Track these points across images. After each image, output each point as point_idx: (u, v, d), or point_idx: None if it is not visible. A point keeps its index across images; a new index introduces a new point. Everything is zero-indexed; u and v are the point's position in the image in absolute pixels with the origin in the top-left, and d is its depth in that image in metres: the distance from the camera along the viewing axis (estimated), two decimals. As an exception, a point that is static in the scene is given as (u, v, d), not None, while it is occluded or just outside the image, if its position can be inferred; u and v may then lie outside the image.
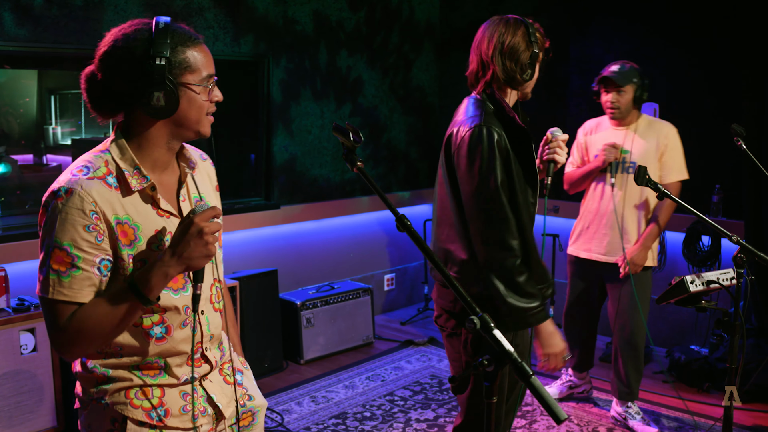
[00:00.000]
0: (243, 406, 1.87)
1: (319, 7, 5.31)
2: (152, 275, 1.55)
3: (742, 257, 2.66)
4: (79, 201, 1.55)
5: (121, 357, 1.68)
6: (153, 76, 1.56)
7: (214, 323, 1.80)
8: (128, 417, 1.66)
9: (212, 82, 1.67)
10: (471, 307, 1.58)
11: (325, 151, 5.48)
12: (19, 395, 3.56)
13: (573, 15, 5.47)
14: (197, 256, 1.56)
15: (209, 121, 1.70)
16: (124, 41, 1.59)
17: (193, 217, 1.56)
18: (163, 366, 1.71)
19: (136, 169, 1.64)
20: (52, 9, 3.95)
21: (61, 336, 1.57)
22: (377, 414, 4.12)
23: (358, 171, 1.72)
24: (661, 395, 4.34)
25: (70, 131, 4.72)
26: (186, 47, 1.61)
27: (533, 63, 2.46)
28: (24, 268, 3.96)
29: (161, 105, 1.58)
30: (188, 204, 1.75)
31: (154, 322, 1.68)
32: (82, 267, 1.56)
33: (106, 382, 1.68)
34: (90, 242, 1.56)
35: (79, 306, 1.57)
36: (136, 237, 1.62)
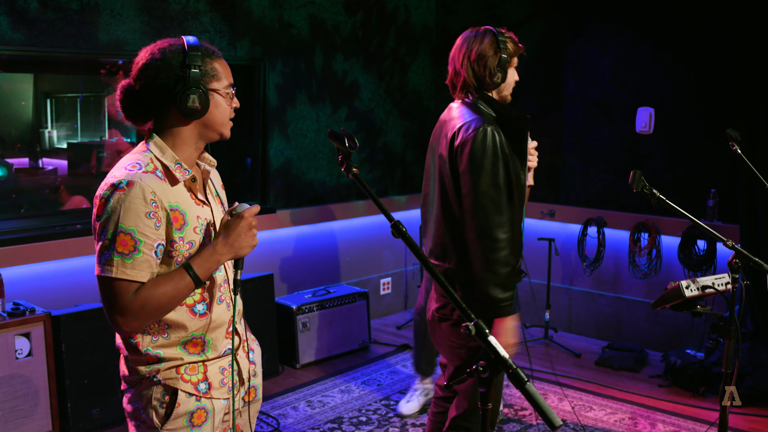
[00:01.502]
0: (249, 381, 2.12)
1: (315, 11, 5.31)
2: (206, 261, 1.85)
3: (737, 262, 2.67)
4: (140, 191, 1.79)
5: (168, 336, 1.91)
6: (190, 82, 1.84)
7: (240, 301, 2.08)
8: (179, 389, 1.91)
9: (232, 90, 1.96)
10: (466, 313, 1.58)
11: (320, 155, 5.48)
12: (14, 400, 3.55)
13: (568, 19, 5.48)
14: (246, 245, 1.89)
15: (230, 125, 1.98)
16: (161, 54, 1.86)
17: (242, 212, 1.88)
18: (206, 342, 1.96)
19: (178, 163, 1.90)
20: (47, 13, 3.95)
21: (125, 312, 1.80)
22: (373, 418, 4.12)
23: (354, 177, 1.82)
24: (657, 399, 4.34)
25: (66, 135, 4.71)
26: (212, 59, 1.91)
27: (502, 67, 2.69)
28: (19, 272, 3.95)
29: (196, 107, 1.85)
30: (211, 198, 2.03)
31: (196, 300, 1.93)
32: (143, 250, 1.80)
33: (158, 362, 1.91)
34: (150, 227, 1.81)
35: (137, 284, 1.80)
36: (185, 222, 1.88)
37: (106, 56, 4.30)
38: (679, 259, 4.88)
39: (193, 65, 1.84)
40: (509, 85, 2.76)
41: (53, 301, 4.07)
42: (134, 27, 4.29)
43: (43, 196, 4.50)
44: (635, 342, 5.20)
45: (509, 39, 2.72)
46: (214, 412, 1.97)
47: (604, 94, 5.32)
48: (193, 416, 1.93)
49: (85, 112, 4.76)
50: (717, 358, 4.51)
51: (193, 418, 1.93)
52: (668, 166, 5.01)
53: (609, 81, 5.28)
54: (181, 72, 1.84)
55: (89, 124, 4.79)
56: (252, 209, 1.91)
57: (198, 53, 1.86)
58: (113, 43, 4.21)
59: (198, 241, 1.90)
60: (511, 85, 2.77)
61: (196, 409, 1.93)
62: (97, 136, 4.83)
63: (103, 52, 4.21)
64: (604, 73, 5.30)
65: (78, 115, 4.75)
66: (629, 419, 4.10)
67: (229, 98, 1.94)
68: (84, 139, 4.78)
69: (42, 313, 3.68)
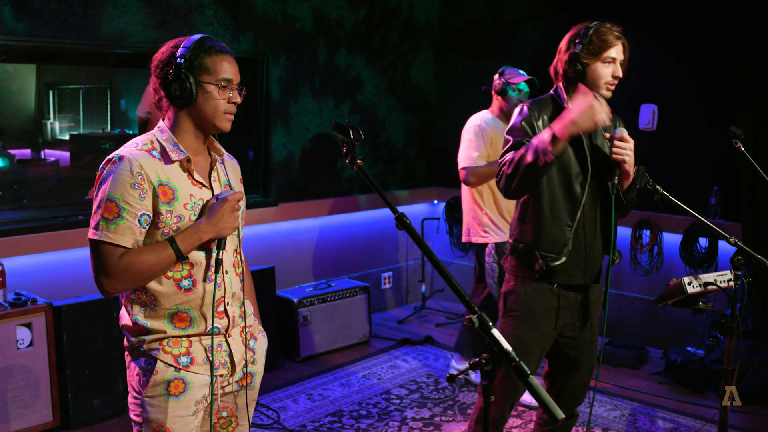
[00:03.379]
0: (245, 368, 2.20)
1: (318, 5, 5.30)
2: (189, 237, 1.99)
3: (739, 259, 2.67)
4: (128, 164, 1.97)
5: (155, 308, 2.05)
6: (174, 72, 1.99)
7: (235, 283, 2.17)
8: (158, 359, 2.04)
9: (230, 86, 2.05)
10: (470, 306, 1.58)
11: (323, 149, 5.48)
12: (15, 390, 3.56)
13: (571, 17, 5.45)
14: (227, 226, 2.03)
15: (226, 119, 2.08)
16: (166, 49, 2.04)
17: (227, 196, 2.03)
18: (192, 317, 2.07)
19: (175, 146, 2.05)
20: (51, 4, 3.94)
21: (108, 273, 1.95)
22: (373, 412, 4.13)
23: (358, 169, 1.82)
24: (657, 396, 4.35)
25: (69, 126, 4.70)
26: (208, 55, 2.02)
27: (573, 61, 2.70)
28: (21, 262, 3.96)
29: (177, 94, 2.00)
30: (218, 184, 2.15)
31: (183, 275, 2.05)
32: (126, 217, 1.95)
33: (146, 333, 2.05)
34: (134, 197, 1.95)
35: (122, 249, 1.96)
36: (174, 197, 2.02)
37: (109, 48, 4.30)
38: (681, 257, 4.88)
39: (181, 57, 1.99)
40: (597, 79, 2.70)
41: (55, 291, 4.07)
42: (138, 19, 4.28)
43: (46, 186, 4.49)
44: (636, 339, 5.20)
45: (596, 34, 2.71)
46: (193, 385, 2.06)
47: (607, 90, 5.31)
48: (170, 386, 2.04)
49: (87, 104, 4.75)
50: (717, 356, 4.51)
51: (170, 388, 2.04)
52: (670, 164, 5.00)
53: (612, 78, 5.27)
54: (171, 63, 2.00)
55: (92, 116, 4.78)
56: (236, 194, 2.05)
57: (190, 48, 2.00)
58: (117, 35, 4.20)
59: (187, 217, 2.03)
60: (599, 79, 2.70)
61: (174, 378, 2.04)
62: (99, 128, 4.83)
63: (107, 44, 4.20)
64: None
65: (80, 107, 4.74)
66: (629, 416, 4.10)
67: (221, 92, 2.04)
68: (86, 131, 4.78)
69: (43, 303, 3.69)
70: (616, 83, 2.73)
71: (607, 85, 2.71)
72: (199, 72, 2.01)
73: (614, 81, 2.72)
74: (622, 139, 2.65)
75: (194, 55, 2.00)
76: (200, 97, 2.02)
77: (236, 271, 2.19)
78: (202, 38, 2.04)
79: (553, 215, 2.72)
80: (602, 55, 2.68)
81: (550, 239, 2.72)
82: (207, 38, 2.05)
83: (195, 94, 2.01)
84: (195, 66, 2.00)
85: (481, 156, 4.17)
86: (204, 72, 2.01)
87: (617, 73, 2.71)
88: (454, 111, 6.29)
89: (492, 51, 5.93)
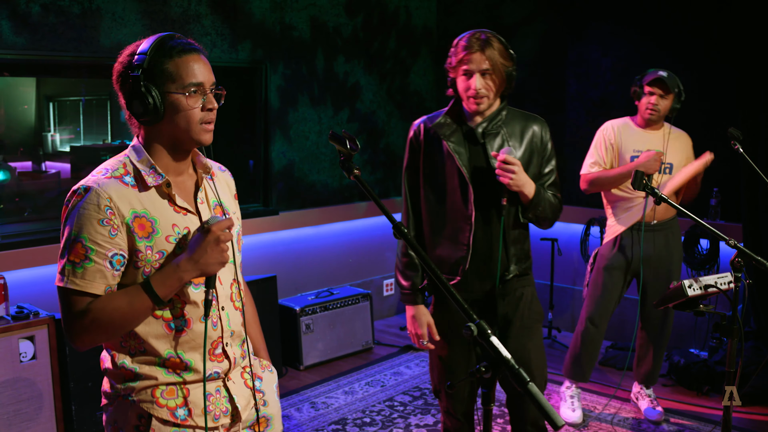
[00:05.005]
0: (258, 411, 1.94)
1: (316, 13, 5.32)
2: (167, 278, 1.69)
3: (739, 261, 2.66)
4: (95, 197, 1.68)
5: (145, 351, 1.77)
6: (132, 88, 1.69)
7: (234, 320, 1.88)
8: (153, 415, 1.75)
9: (201, 90, 1.74)
10: (468, 314, 1.59)
11: (323, 156, 5.49)
12: (18, 403, 3.56)
13: (569, 20, 5.48)
14: (213, 262, 1.69)
15: (203, 129, 1.76)
16: (123, 57, 1.75)
17: (210, 226, 1.69)
18: (186, 362, 1.79)
19: (152, 168, 1.75)
20: (49, 17, 3.96)
21: (76, 324, 1.70)
22: (377, 420, 4.12)
23: (355, 179, 1.78)
24: (661, 398, 4.34)
25: (69, 138, 4.72)
26: (170, 58, 1.71)
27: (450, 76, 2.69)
28: (23, 275, 3.96)
29: (140, 112, 1.70)
30: (206, 206, 1.85)
31: (174, 315, 1.77)
32: (94, 260, 1.68)
33: (133, 379, 1.77)
34: (104, 236, 1.68)
35: (91, 297, 1.69)
36: (154, 230, 1.73)
37: (107, 60, 4.31)
38: (682, 258, 4.87)
39: (137, 67, 1.69)
40: (462, 94, 2.64)
41: (57, 304, 4.06)
42: (136, 30, 4.29)
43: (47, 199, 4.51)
44: (639, 342, 5.19)
45: (454, 47, 2.64)
46: None
47: (605, 94, 5.32)
48: None
49: (87, 116, 4.77)
50: (720, 357, 4.50)
51: None
52: (670, 166, 5.00)
53: (610, 81, 5.28)
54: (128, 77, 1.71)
55: (92, 128, 4.80)
56: (221, 222, 1.71)
57: (146, 54, 1.69)
58: (115, 47, 4.21)
59: (172, 251, 1.74)
60: (462, 94, 2.64)
61: None
62: (99, 139, 4.85)
63: (105, 56, 4.22)
64: (605, 74, 5.30)
65: (81, 119, 4.76)
66: (633, 419, 4.10)
67: (192, 99, 1.73)
68: (87, 143, 4.79)
69: (46, 316, 3.69)
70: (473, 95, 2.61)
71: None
72: (162, 81, 1.69)
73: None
74: (505, 161, 2.52)
75: (153, 62, 1.69)
76: (168, 110, 1.71)
77: (235, 305, 1.89)
78: (160, 39, 1.71)
79: (441, 234, 2.72)
80: (457, 68, 2.68)
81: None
82: (166, 38, 1.73)
83: (161, 107, 1.70)
84: (156, 74, 1.69)
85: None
86: (167, 80, 1.69)
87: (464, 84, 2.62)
88: (454, 116, 6.30)
89: (490, 56, 5.93)
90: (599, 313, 4.09)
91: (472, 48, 2.58)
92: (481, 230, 2.65)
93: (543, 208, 2.65)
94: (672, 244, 4.04)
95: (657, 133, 3.98)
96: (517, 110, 2.76)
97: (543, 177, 2.76)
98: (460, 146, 2.65)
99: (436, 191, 2.72)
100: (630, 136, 4.02)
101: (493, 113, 2.67)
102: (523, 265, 2.74)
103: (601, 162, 4.07)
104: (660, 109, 3.89)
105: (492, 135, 2.65)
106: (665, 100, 3.88)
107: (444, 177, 2.68)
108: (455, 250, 2.68)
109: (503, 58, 2.63)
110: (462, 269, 2.67)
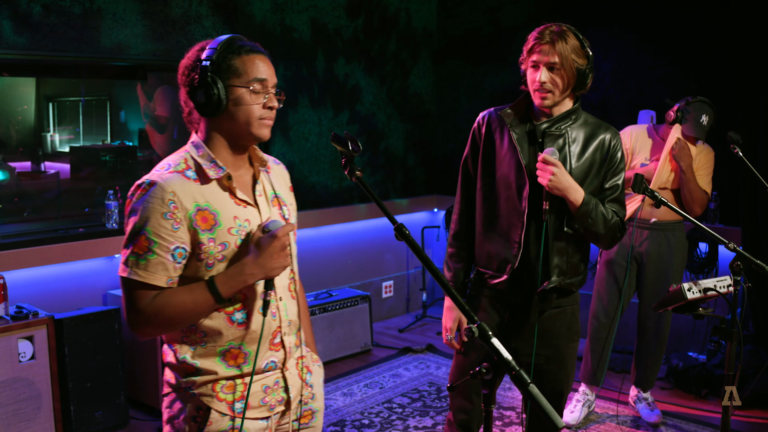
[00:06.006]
0: (305, 404, 2.01)
1: (316, 14, 5.32)
2: (231, 279, 1.77)
3: (738, 264, 2.67)
4: (159, 191, 1.74)
5: (206, 345, 1.83)
6: (199, 77, 1.78)
7: (291, 310, 1.95)
8: (212, 408, 1.82)
9: (264, 88, 1.83)
10: (469, 315, 1.59)
11: (322, 158, 5.49)
12: (17, 403, 3.56)
13: (569, 23, 5.47)
14: (277, 266, 1.79)
15: (263, 125, 1.86)
16: (190, 55, 1.85)
17: (276, 232, 1.78)
18: (246, 353, 1.85)
19: (213, 162, 1.83)
20: (50, 17, 3.96)
21: (139, 316, 1.76)
22: (375, 421, 4.12)
23: (357, 180, 1.79)
24: (660, 402, 4.34)
25: (69, 138, 4.72)
26: (237, 55, 1.81)
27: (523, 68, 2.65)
28: (22, 275, 3.96)
29: (203, 102, 1.79)
30: (264, 199, 1.92)
31: (235, 308, 1.83)
32: (157, 252, 1.74)
33: (195, 374, 1.84)
34: (167, 229, 1.74)
35: (153, 288, 1.75)
36: (216, 222, 1.79)
37: (108, 60, 4.32)
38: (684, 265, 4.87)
39: (207, 60, 1.78)
40: (529, 85, 2.60)
41: (56, 304, 4.08)
42: (136, 31, 4.30)
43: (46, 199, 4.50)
44: (637, 345, 5.19)
45: (529, 38, 2.65)
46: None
47: (605, 98, 5.33)
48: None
49: (87, 116, 4.77)
50: (719, 361, 4.51)
51: None
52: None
53: (610, 85, 5.29)
54: (197, 69, 1.80)
55: (91, 128, 4.80)
56: (286, 227, 1.80)
57: (215, 49, 1.79)
58: (116, 47, 4.22)
59: (233, 242, 1.81)
60: (530, 87, 2.58)
61: (229, 429, 1.84)
62: (99, 140, 4.85)
63: (106, 56, 4.22)
64: (604, 77, 5.30)
65: (80, 119, 4.76)
66: (631, 422, 4.10)
67: (254, 96, 1.82)
68: (86, 143, 4.79)
69: (45, 316, 3.69)
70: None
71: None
72: (228, 75, 1.79)
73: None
74: (544, 161, 2.43)
75: (221, 57, 1.79)
76: (231, 103, 1.80)
77: (292, 295, 1.97)
78: (230, 38, 1.83)
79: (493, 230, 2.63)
80: (528, 58, 2.68)
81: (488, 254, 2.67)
82: (236, 38, 1.84)
83: (224, 100, 1.79)
84: (222, 69, 1.78)
85: None
86: (233, 75, 1.79)
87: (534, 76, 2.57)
88: (453, 118, 6.31)
89: (490, 58, 5.95)
90: (602, 307, 4.13)
91: (543, 39, 2.54)
92: (533, 232, 2.52)
93: (594, 221, 2.46)
94: (674, 247, 4.04)
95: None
96: (591, 116, 2.62)
97: (605, 191, 2.57)
98: (522, 140, 2.54)
99: (493, 183, 2.59)
100: (645, 144, 4.07)
101: (561, 114, 2.54)
102: (568, 280, 2.56)
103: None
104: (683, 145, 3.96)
105: (553, 136, 2.52)
106: (693, 147, 4.02)
107: (503, 169, 2.55)
108: (505, 247, 2.55)
109: (576, 54, 2.55)
110: (510, 268, 2.54)
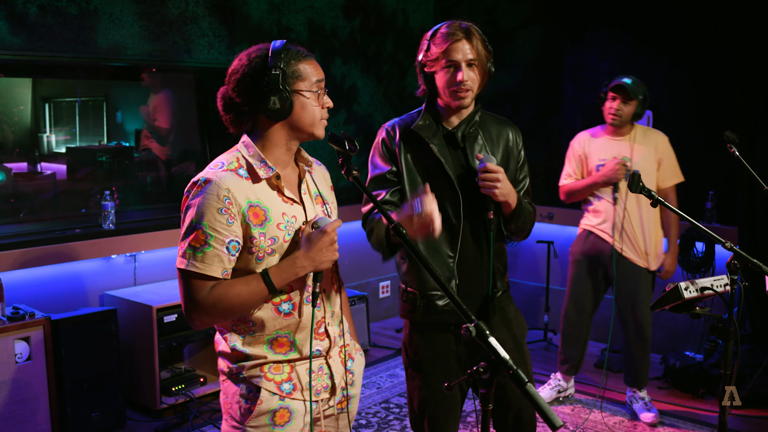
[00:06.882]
0: (344, 389, 2.12)
1: (313, 15, 5.32)
2: (284, 272, 1.89)
3: (735, 264, 2.68)
4: (215, 188, 1.85)
5: (254, 333, 1.95)
6: (270, 84, 1.88)
7: (334, 301, 2.09)
8: (262, 387, 1.94)
9: (322, 89, 1.98)
10: (467, 315, 1.59)
11: (320, 158, 5.47)
12: (13, 404, 3.55)
13: (567, 24, 5.49)
14: (327, 260, 1.90)
15: (322, 125, 2.01)
16: (247, 60, 1.92)
17: (326, 228, 1.89)
18: (292, 341, 1.98)
19: (263, 162, 1.94)
20: (47, 18, 3.95)
21: (197, 306, 1.87)
22: (373, 421, 4.12)
23: (354, 180, 1.80)
24: (656, 401, 4.34)
25: (65, 139, 4.71)
26: (298, 61, 1.94)
27: (422, 72, 2.58)
28: (19, 276, 3.95)
29: (277, 108, 1.89)
30: (308, 197, 2.05)
31: (282, 299, 1.95)
32: (213, 245, 1.85)
33: (245, 359, 1.96)
34: (222, 223, 1.85)
35: (210, 279, 1.86)
36: (267, 218, 1.91)
37: (105, 61, 4.31)
38: (678, 261, 4.88)
39: (275, 67, 1.88)
40: (441, 88, 2.46)
41: (53, 305, 4.07)
42: (133, 31, 4.29)
43: (43, 200, 4.50)
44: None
45: (430, 39, 2.50)
46: (297, 413, 1.98)
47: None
48: (276, 415, 1.95)
49: (83, 117, 4.76)
50: (716, 360, 4.51)
51: (275, 417, 1.95)
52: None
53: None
54: (263, 75, 1.88)
55: (88, 129, 4.79)
56: (334, 223, 1.92)
57: (280, 56, 1.90)
58: (112, 48, 4.21)
59: (282, 237, 1.92)
60: (442, 87, 2.45)
61: (279, 408, 1.95)
62: (95, 140, 4.84)
63: (102, 57, 4.22)
64: (602, 78, 5.30)
65: (77, 120, 4.75)
66: (629, 421, 4.10)
67: (316, 97, 1.96)
68: (82, 144, 4.78)
69: (41, 317, 3.68)
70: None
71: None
72: (293, 80, 1.92)
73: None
74: (486, 170, 2.34)
75: (286, 63, 1.91)
76: (297, 106, 1.93)
77: (335, 287, 2.10)
78: (286, 44, 1.94)
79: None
80: (435, 63, 2.45)
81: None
82: (288, 44, 1.95)
83: (293, 104, 1.93)
84: (288, 74, 1.91)
85: None
86: (298, 79, 1.93)
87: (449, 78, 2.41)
88: (450, 119, 6.30)
89: (487, 59, 5.94)
90: (572, 304, 4.23)
91: (456, 36, 2.42)
92: (468, 244, 2.46)
93: (525, 218, 2.47)
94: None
95: (623, 140, 4.06)
96: (488, 113, 2.58)
97: (518, 184, 2.55)
98: (443, 150, 2.45)
99: None
100: (595, 146, 4.12)
101: (469, 114, 2.48)
102: (504, 279, 2.59)
103: (572, 173, 4.21)
104: (622, 114, 3.95)
105: (471, 138, 2.47)
106: (627, 106, 3.94)
107: (430, 185, 2.36)
108: (441, 265, 2.47)
109: (485, 49, 2.47)
110: (455, 283, 2.49)
